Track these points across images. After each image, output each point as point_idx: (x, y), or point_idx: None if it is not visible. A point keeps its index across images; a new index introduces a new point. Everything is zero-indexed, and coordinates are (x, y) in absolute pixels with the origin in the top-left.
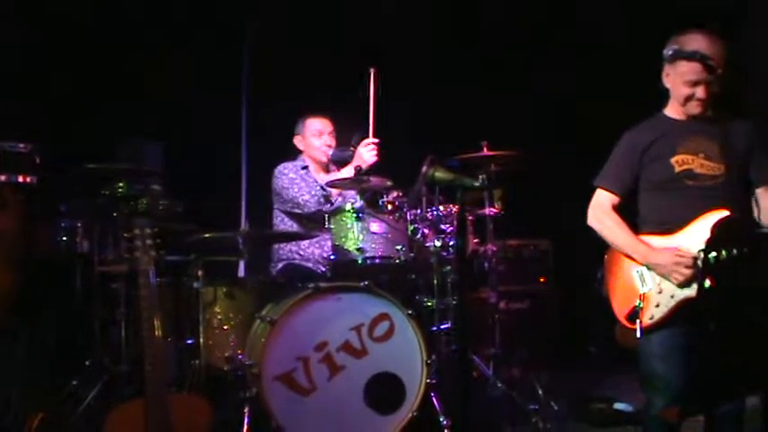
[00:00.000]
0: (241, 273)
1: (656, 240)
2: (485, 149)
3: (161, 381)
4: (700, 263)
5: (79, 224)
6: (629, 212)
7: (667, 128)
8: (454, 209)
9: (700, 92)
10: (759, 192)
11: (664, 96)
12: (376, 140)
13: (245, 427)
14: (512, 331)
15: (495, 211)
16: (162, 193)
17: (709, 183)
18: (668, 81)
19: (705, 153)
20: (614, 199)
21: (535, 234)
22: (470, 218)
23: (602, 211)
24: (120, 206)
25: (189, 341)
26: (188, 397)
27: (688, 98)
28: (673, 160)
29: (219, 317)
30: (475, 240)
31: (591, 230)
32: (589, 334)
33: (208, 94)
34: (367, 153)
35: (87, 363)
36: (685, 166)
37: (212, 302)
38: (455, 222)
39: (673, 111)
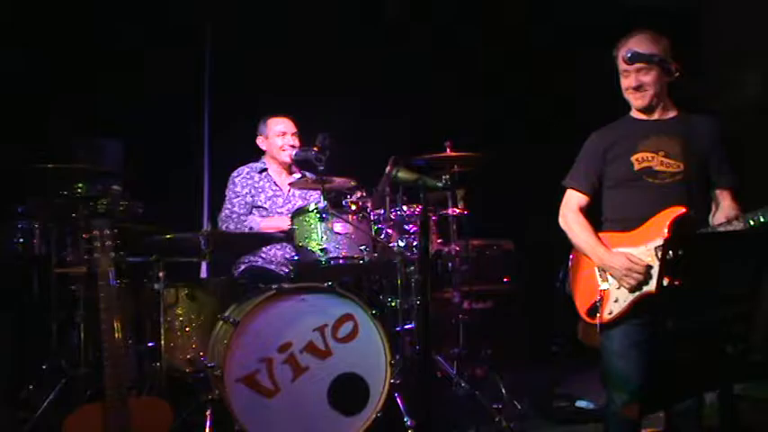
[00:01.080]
0: (203, 274)
1: (616, 238)
2: (448, 150)
3: (121, 384)
4: (657, 262)
5: (36, 225)
6: (595, 211)
7: (630, 127)
8: (418, 209)
9: (627, 81)
10: (717, 192)
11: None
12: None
13: (208, 429)
14: (475, 331)
15: (458, 211)
16: (122, 194)
17: (668, 180)
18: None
19: (665, 151)
20: (582, 198)
21: (498, 234)
22: (434, 218)
23: (567, 212)
24: (79, 207)
25: (150, 343)
26: (149, 400)
27: (626, 92)
28: (633, 158)
29: (181, 318)
30: (438, 240)
31: (554, 231)
32: (552, 333)
33: (170, 93)
34: None
35: (44, 366)
36: (645, 164)
37: (174, 304)
38: (419, 222)
39: (637, 111)
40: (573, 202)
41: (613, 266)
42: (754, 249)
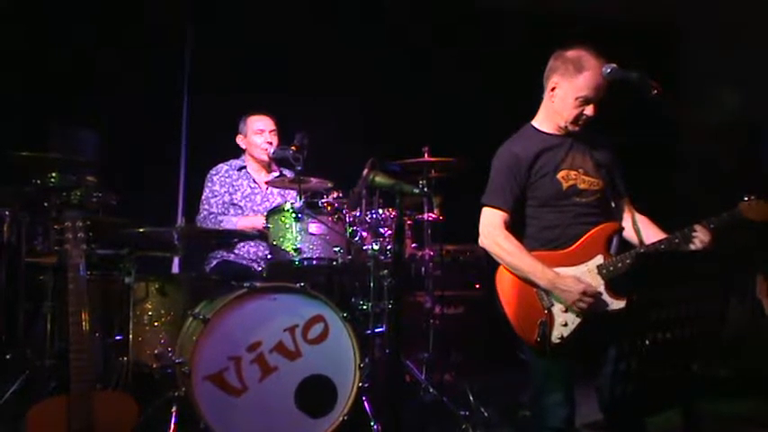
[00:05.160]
0: (175, 269)
1: (550, 258)
2: (426, 155)
3: (86, 377)
4: (601, 281)
5: (7, 213)
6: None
7: (545, 142)
8: (393, 213)
9: (589, 110)
10: (623, 201)
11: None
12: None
13: (173, 426)
14: (446, 336)
15: (433, 216)
16: (96, 185)
17: (592, 198)
18: (554, 95)
19: (584, 169)
20: (505, 216)
21: (472, 240)
22: (409, 222)
23: (496, 232)
24: (51, 197)
25: (118, 337)
26: (114, 394)
27: (578, 116)
28: (559, 176)
29: (150, 313)
30: (412, 245)
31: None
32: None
33: (149, 85)
34: None
35: (9, 356)
36: (571, 182)
37: (144, 298)
38: (393, 226)
39: (543, 124)
40: (497, 221)
41: (568, 290)
42: (723, 270)
